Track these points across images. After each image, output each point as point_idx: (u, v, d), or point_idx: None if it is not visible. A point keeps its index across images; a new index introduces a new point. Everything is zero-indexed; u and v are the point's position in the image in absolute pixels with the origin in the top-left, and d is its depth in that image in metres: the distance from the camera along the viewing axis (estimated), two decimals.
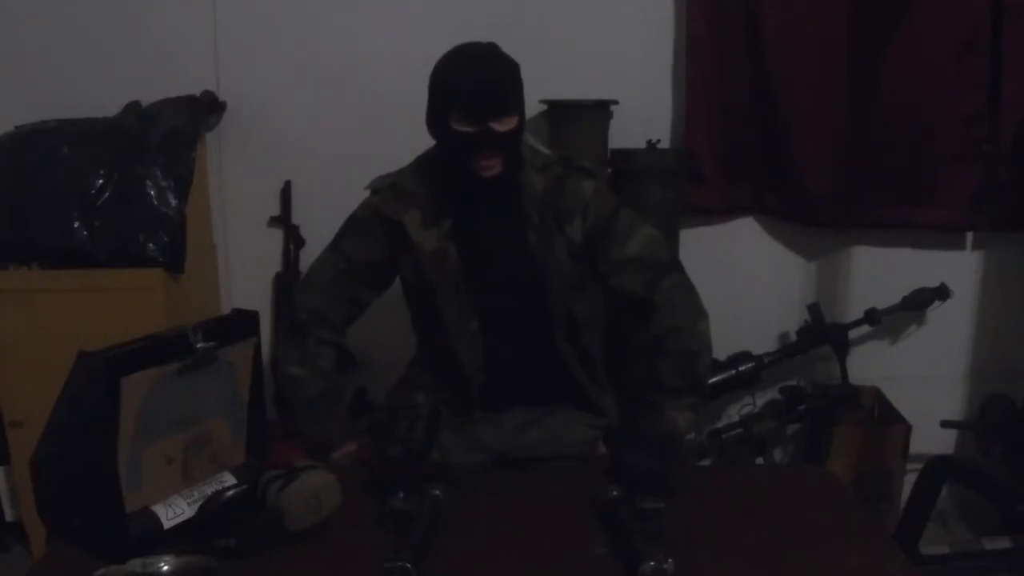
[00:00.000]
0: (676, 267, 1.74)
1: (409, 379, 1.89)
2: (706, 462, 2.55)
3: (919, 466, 2.28)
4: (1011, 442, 2.55)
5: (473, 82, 1.54)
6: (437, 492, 1.36)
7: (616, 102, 2.44)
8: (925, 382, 2.70)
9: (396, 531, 1.28)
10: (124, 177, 2.25)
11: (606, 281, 1.71)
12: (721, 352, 2.53)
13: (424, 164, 1.74)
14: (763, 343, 2.63)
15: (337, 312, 1.78)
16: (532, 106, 1.98)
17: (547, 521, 1.39)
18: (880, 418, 2.65)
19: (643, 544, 1.22)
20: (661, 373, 1.67)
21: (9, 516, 2.43)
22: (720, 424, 2.64)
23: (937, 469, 2.24)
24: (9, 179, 2.27)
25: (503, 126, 1.56)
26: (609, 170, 2.46)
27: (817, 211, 2.58)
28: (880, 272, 2.65)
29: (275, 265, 2.63)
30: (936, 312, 2.66)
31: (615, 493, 1.37)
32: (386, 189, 1.73)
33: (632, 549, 1.23)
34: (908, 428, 2.51)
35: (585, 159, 1.83)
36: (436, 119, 1.61)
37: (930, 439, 2.58)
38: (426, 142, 1.79)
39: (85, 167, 2.25)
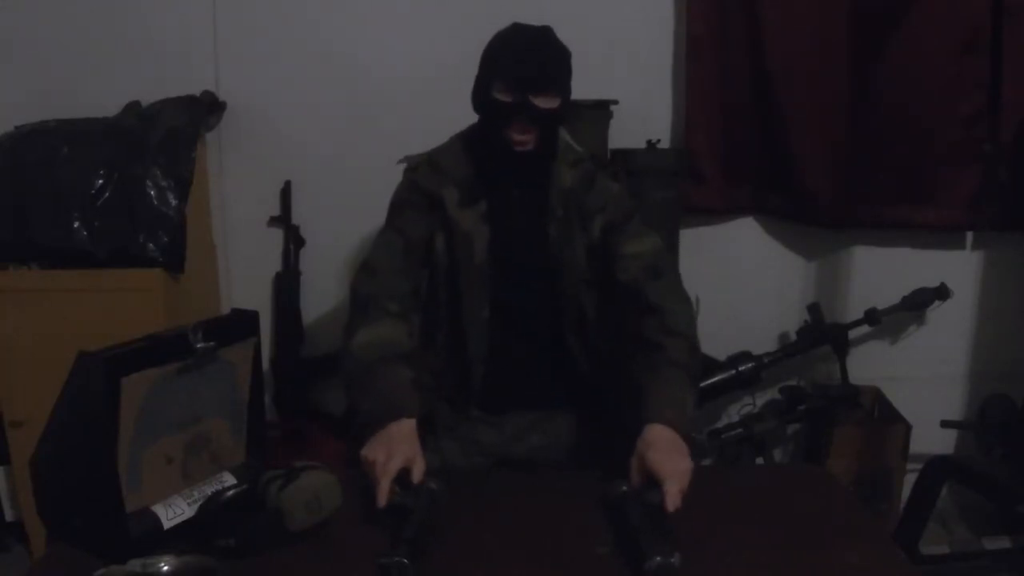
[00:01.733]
0: (677, 276, 1.73)
1: None
2: (706, 462, 2.55)
3: (919, 466, 2.29)
4: (1011, 442, 2.55)
5: (520, 54, 1.57)
6: (433, 485, 1.36)
7: (616, 102, 2.44)
8: (925, 382, 2.70)
9: (392, 525, 1.28)
10: (124, 177, 2.25)
11: (614, 271, 1.68)
12: (721, 352, 2.54)
13: (459, 143, 1.72)
14: (763, 343, 2.63)
15: (401, 289, 1.65)
16: None
17: (547, 521, 1.39)
18: (880, 418, 2.65)
19: (650, 538, 1.22)
20: (667, 349, 1.56)
21: (9, 516, 2.43)
22: (720, 424, 2.64)
23: (937, 469, 2.24)
24: (9, 179, 2.26)
25: (543, 103, 1.56)
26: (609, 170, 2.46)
27: (817, 211, 2.58)
28: (880, 272, 2.65)
29: (275, 265, 2.63)
30: (936, 312, 2.66)
31: (624, 489, 1.37)
32: (423, 165, 1.71)
33: (638, 544, 1.23)
34: (908, 428, 2.51)
35: None
36: (479, 89, 1.62)
37: (930, 439, 2.58)
38: (427, 142, 1.79)
39: (85, 167, 2.25)
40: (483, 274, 1.65)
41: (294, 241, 2.61)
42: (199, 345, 1.30)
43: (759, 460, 2.53)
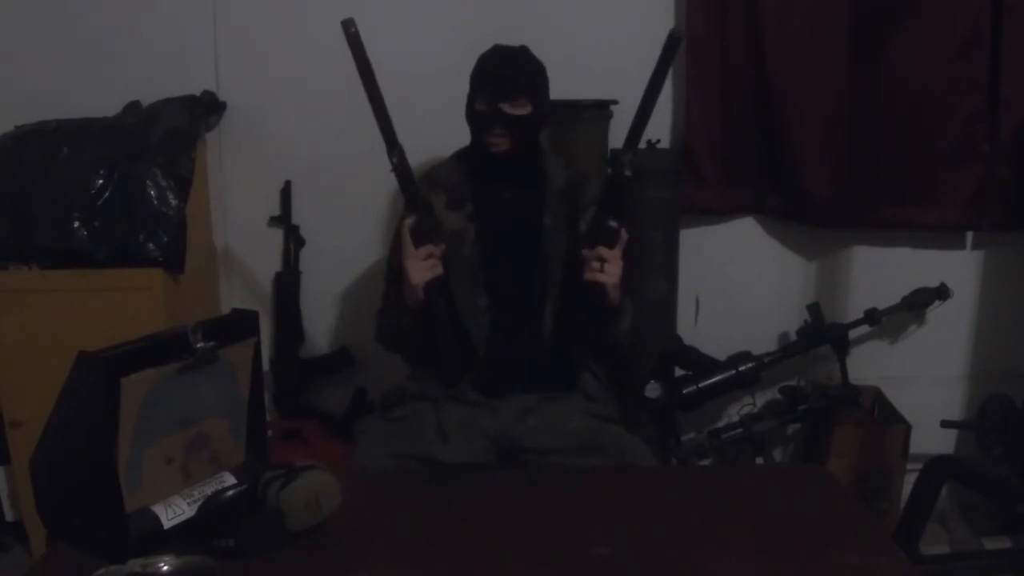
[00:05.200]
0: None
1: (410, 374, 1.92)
2: (706, 462, 2.55)
3: (919, 466, 2.28)
4: (1011, 442, 2.55)
5: (492, 70, 1.81)
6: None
7: (616, 102, 2.43)
8: (925, 382, 2.70)
9: None
10: (124, 177, 2.25)
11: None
12: (721, 352, 2.54)
13: (455, 158, 1.94)
14: (763, 343, 2.63)
15: None
16: None
17: (547, 521, 1.39)
18: (880, 418, 2.65)
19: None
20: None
21: (9, 516, 2.43)
22: (720, 424, 2.64)
23: (937, 469, 2.24)
24: (9, 179, 2.26)
25: (513, 109, 1.77)
26: (609, 170, 2.45)
27: (817, 211, 2.58)
28: (880, 272, 2.65)
29: (275, 265, 2.63)
30: (936, 312, 2.66)
31: None
32: (422, 178, 1.89)
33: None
34: (908, 428, 2.51)
35: (584, 159, 1.90)
36: (467, 105, 1.84)
37: (930, 439, 2.58)
38: (427, 141, 1.80)
39: (85, 167, 2.25)
40: (473, 268, 1.82)
41: (294, 241, 2.60)
42: (199, 345, 1.30)
43: (759, 460, 2.53)
